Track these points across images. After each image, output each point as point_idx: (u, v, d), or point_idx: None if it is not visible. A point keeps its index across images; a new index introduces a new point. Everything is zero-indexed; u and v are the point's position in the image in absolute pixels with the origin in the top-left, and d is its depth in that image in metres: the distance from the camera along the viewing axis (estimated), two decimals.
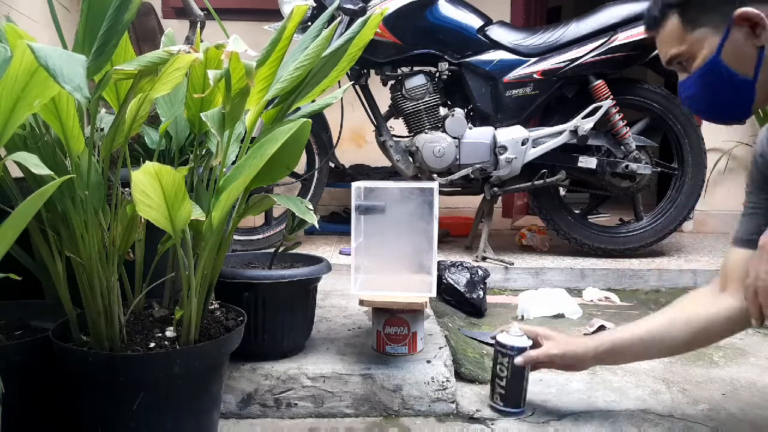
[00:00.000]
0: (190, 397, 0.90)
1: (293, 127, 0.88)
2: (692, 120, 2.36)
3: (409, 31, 2.27)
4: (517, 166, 2.31)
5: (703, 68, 1.01)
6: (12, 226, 0.63)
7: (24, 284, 0.83)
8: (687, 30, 1.01)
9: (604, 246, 2.39)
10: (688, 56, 1.03)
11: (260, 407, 1.15)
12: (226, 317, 1.05)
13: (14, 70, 0.64)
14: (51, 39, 0.81)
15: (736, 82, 0.99)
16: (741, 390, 1.28)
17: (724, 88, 1.01)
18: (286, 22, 0.96)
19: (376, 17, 1.03)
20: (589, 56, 2.24)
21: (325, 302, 1.67)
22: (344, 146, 2.99)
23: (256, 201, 1.03)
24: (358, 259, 1.23)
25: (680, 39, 1.02)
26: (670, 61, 1.06)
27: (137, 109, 0.85)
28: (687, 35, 1.01)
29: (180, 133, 1.13)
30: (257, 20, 2.72)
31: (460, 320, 1.74)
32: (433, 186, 1.19)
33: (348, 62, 1.07)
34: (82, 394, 0.89)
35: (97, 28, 0.78)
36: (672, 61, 1.06)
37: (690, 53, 1.02)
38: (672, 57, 1.05)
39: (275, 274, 1.16)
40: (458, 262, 1.91)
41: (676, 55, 1.04)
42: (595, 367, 1.39)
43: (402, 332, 1.21)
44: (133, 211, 0.88)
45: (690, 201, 2.39)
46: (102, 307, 0.87)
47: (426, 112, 2.35)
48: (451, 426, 1.12)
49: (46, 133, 0.85)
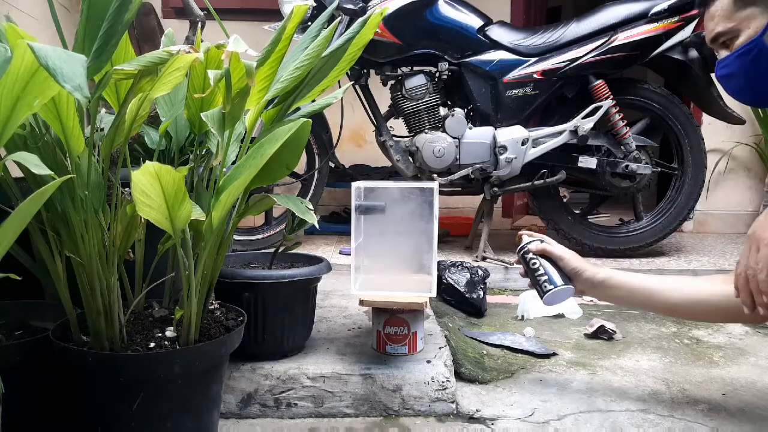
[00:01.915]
0: (190, 397, 0.90)
1: (293, 127, 0.88)
2: (692, 120, 2.36)
3: (409, 31, 2.27)
4: (517, 166, 2.31)
5: (745, 47, 1.03)
6: (12, 226, 0.63)
7: (24, 284, 0.83)
8: (738, 7, 1.03)
9: (604, 246, 2.39)
10: (733, 34, 1.05)
11: (260, 407, 1.15)
12: (226, 317, 1.05)
13: (14, 69, 0.64)
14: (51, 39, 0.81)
15: None
16: (741, 390, 1.28)
17: (761, 68, 1.03)
18: (286, 22, 0.96)
19: (376, 17, 1.03)
20: (589, 56, 2.24)
21: (325, 302, 1.67)
22: (344, 146, 2.99)
23: (256, 201, 1.03)
24: (358, 259, 1.23)
25: (729, 16, 1.04)
26: (715, 38, 1.08)
27: (137, 109, 0.85)
28: (737, 13, 1.03)
29: (180, 133, 1.13)
30: (257, 20, 2.72)
31: (460, 320, 1.74)
32: (433, 186, 1.19)
33: (348, 62, 1.07)
34: (82, 394, 0.89)
35: (97, 28, 0.78)
36: (717, 39, 1.08)
37: (735, 31, 1.04)
38: (718, 34, 1.07)
39: (275, 274, 1.16)
40: (458, 262, 1.91)
41: (723, 32, 1.06)
42: (595, 367, 1.39)
43: (402, 332, 1.21)
44: (133, 211, 0.88)
45: (690, 201, 2.39)
46: (102, 307, 0.87)
47: (426, 112, 2.35)
48: (451, 426, 1.12)
49: (46, 133, 0.85)
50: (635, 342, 1.59)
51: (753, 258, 0.93)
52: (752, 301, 0.95)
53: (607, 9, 2.30)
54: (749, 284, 0.94)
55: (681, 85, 2.43)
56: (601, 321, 1.65)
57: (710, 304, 1.13)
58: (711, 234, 3.21)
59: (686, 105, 2.44)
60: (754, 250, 0.94)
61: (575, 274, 1.21)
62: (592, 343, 1.58)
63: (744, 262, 0.95)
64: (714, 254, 2.52)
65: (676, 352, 1.52)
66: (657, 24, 2.20)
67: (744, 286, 0.95)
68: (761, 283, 0.92)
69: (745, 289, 0.95)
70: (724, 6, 1.05)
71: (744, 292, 0.95)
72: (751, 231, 0.96)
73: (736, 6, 1.03)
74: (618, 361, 1.44)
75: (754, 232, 0.95)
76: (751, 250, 0.94)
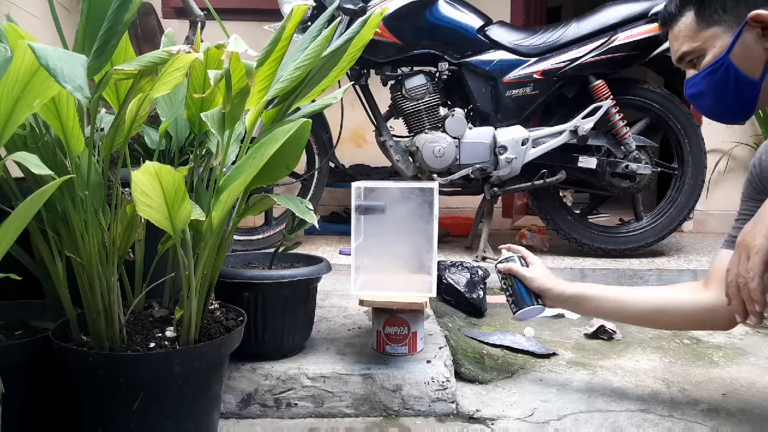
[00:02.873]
0: (190, 397, 0.90)
1: (293, 127, 0.88)
2: (692, 120, 2.36)
3: (409, 31, 2.27)
4: (517, 166, 2.31)
5: (711, 66, 1.03)
6: (12, 226, 0.63)
7: (24, 284, 0.83)
8: (701, 27, 1.03)
9: (604, 246, 2.39)
10: (699, 54, 1.05)
11: (260, 407, 1.15)
12: (226, 317, 1.05)
13: (15, 69, 0.64)
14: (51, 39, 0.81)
15: (742, 82, 1.01)
16: (741, 390, 1.28)
17: (730, 87, 1.03)
18: (285, 22, 0.96)
19: (376, 17, 1.03)
20: (589, 56, 2.24)
21: (325, 302, 1.67)
22: (344, 146, 2.99)
23: (256, 201, 1.03)
24: (358, 259, 1.23)
25: (693, 36, 1.04)
26: (681, 58, 1.08)
27: (137, 109, 0.85)
28: (700, 33, 1.03)
29: (180, 133, 1.13)
30: (257, 20, 2.72)
31: (460, 320, 1.74)
32: (433, 186, 1.19)
33: (348, 62, 1.07)
34: (82, 394, 0.89)
35: (97, 28, 0.78)
36: (683, 58, 1.08)
37: (701, 50, 1.04)
38: (684, 53, 1.07)
39: (275, 274, 1.16)
40: (458, 262, 1.91)
41: (688, 52, 1.06)
42: (595, 367, 1.39)
43: (402, 332, 1.21)
44: (133, 211, 0.88)
45: (690, 201, 2.39)
46: (102, 307, 0.87)
47: (426, 112, 2.35)
48: (451, 426, 1.12)
49: (46, 133, 0.85)
50: (635, 342, 1.59)
51: (743, 266, 0.92)
52: (744, 310, 0.94)
53: (607, 9, 2.29)
54: (740, 293, 0.93)
55: (681, 85, 2.42)
56: (601, 321, 1.65)
57: (681, 311, 1.15)
58: (711, 234, 3.21)
59: (686, 105, 2.44)
60: (744, 258, 0.93)
61: (542, 292, 1.25)
62: (592, 343, 1.58)
63: (734, 270, 0.94)
64: (714, 254, 2.52)
65: (676, 352, 1.52)
66: (657, 24, 2.20)
67: (735, 294, 0.94)
68: (752, 291, 0.91)
69: (737, 297, 0.94)
70: (687, 26, 1.05)
71: (735, 300, 0.95)
72: (740, 239, 0.95)
73: (699, 26, 1.03)
74: (618, 361, 1.44)
75: (743, 240, 0.94)
76: (741, 259, 0.93)
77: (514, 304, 1.28)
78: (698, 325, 1.26)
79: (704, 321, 1.16)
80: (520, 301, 1.26)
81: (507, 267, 1.29)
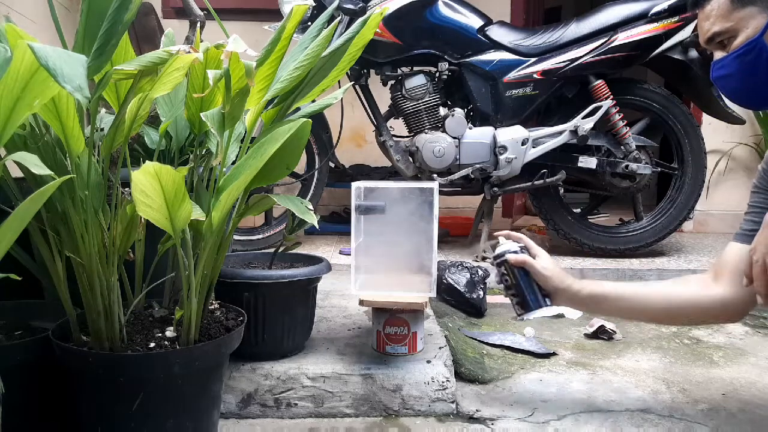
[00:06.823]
0: (190, 397, 0.90)
1: (293, 127, 0.88)
2: (692, 120, 2.36)
3: (409, 31, 2.27)
4: (517, 166, 2.31)
5: (744, 47, 1.01)
6: (12, 226, 0.63)
7: (24, 284, 0.83)
8: (735, 6, 1.01)
9: (604, 246, 2.39)
10: (731, 34, 1.02)
11: (260, 407, 1.15)
12: (226, 317, 1.05)
13: (14, 70, 0.64)
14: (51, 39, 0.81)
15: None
16: (741, 390, 1.28)
17: (760, 69, 1.01)
18: (285, 22, 0.96)
19: (376, 17, 1.03)
20: (589, 56, 2.24)
21: (325, 302, 1.67)
22: (344, 146, 2.98)
23: (256, 201, 1.03)
24: (358, 259, 1.23)
25: (726, 15, 1.02)
26: (710, 39, 1.06)
27: (137, 109, 0.85)
28: (734, 12, 1.01)
29: (180, 133, 1.13)
30: (257, 20, 2.72)
31: (460, 320, 1.74)
32: (433, 186, 1.18)
33: (348, 62, 1.07)
34: (82, 394, 0.89)
35: (97, 28, 0.78)
36: (713, 39, 1.05)
37: (733, 31, 1.02)
38: (715, 34, 1.04)
39: (275, 274, 1.16)
40: (458, 262, 1.91)
41: (719, 32, 1.03)
42: (595, 366, 1.39)
43: (402, 332, 1.21)
44: (133, 211, 0.88)
45: (690, 201, 2.39)
46: (102, 307, 0.87)
47: (426, 112, 2.35)
48: (451, 426, 1.12)
49: (46, 133, 0.85)
50: (635, 342, 1.59)
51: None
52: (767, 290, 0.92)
53: (607, 9, 2.29)
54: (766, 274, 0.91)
55: (681, 85, 2.43)
56: (601, 321, 1.65)
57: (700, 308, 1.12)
58: (711, 234, 3.21)
59: (686, 105, 2.44)
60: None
61: (556, 292, 1.15)
62: (592, 343, 1.58)
63: (762, 250, 0.91)
64: (714, 254, 2.52)
65: (676, 352, 1.52)
66: (657, 24, 2.20)
67: (760, 275, 0.92)
68: None
69: (761, 278, 0.92)
70: (721, 5, 1.02)
71: (760, 281, 0.92)
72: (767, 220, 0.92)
73: (734, 5, 1.01)
74: (618, 361, 1.44)
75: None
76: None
77: (520, 306, 1.13)
78: (711, 319, 1.25)
79: (718, 315, 1.13)
80: (527, 302, 1.12)
81: (519, 259, 1.13)
